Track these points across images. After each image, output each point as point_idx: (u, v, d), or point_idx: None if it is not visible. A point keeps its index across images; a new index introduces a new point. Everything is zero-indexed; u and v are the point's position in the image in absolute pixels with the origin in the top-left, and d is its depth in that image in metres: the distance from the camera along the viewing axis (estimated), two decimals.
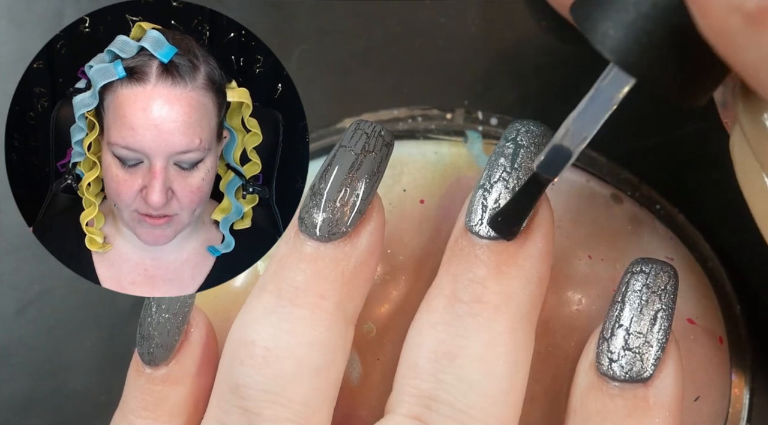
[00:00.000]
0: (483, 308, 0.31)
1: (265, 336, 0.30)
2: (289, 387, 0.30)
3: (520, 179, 0.31)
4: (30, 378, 0.38)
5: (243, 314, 0.31)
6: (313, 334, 0.30)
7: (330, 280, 0.30)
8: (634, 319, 0.31)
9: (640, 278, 0.32)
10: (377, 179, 0.31)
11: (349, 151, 0.31)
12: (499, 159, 0.32)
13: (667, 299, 0.31)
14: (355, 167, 0.31)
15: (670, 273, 0.32)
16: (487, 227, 0.31)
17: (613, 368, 0.31)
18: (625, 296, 0.32)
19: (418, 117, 0.38)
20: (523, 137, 0.32)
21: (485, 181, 0.32)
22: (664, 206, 0.38)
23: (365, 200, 0.31)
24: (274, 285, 0.30)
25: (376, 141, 0.31)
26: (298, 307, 0.30)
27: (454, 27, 0.39)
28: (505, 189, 0.31)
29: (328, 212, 0.31)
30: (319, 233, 0.30)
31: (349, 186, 0.31)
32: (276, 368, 0.30)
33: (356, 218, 0.31)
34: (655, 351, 0.31)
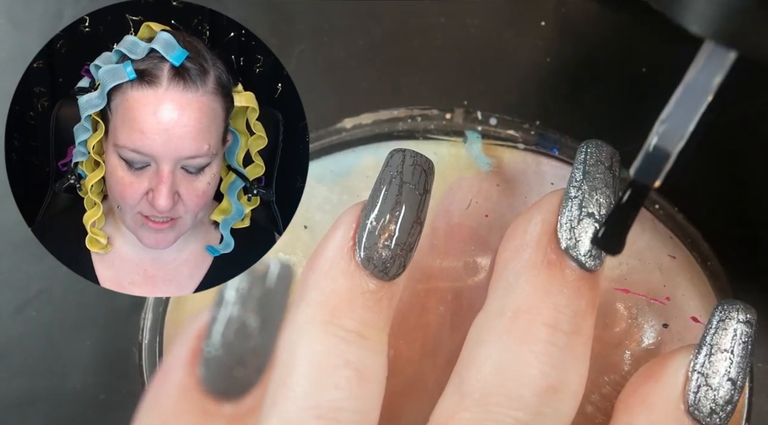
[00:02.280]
0: (580, 342, 0.31)
1: (355, 360, 0.30)
2: (375, 407, 0.31)
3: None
4: (28, 377, 0.38)
5: (302, 340, 0.31)
6: (381, 361, 0.31)
7: (388, 315, 0.31)
8: (740, 374, 0.31)
9: (747, 329, 0.32)
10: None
11: (415, 191, 0.31)
12: (599, 185, 0.31)
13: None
14: (420, 208, 0.31)
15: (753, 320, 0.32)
16: (595, 262, 0.31)
17: (713, 419, 0.31)
18: (734, 347, 0.31)
19: (418, 117, 0.38)
20: (620, 168, 0.32)
21: (594, 210, 0.31)
22: (663, 206, 0.38)
23: (418, 239, 0.31)
24: (338, 319, 0.30)
25: (428, 178, 0.31)
26: (366, 340, 0.30)
27: (454, 27, 0.39)
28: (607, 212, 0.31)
29: (399, 257, 0.30)
30: (388, 275, 0.30)
31: (414, 228, 0.31)
32: (368, 390, 0.30)
33: (411, 257, 0.31)
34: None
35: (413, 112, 0.38)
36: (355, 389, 0.30)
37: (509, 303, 0.31)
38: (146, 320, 0.38)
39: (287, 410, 0.29)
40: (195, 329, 0.22)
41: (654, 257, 0.37)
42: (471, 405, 0.30)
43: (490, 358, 0.30)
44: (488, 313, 0.31)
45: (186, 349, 0.22)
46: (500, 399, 0.30)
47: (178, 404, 0.23)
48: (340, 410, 0.29)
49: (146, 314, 0.38)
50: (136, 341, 0.38)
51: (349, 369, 0.30)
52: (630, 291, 0.36)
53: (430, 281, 0.35)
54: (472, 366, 0.31)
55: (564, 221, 0.31)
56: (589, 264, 0.31)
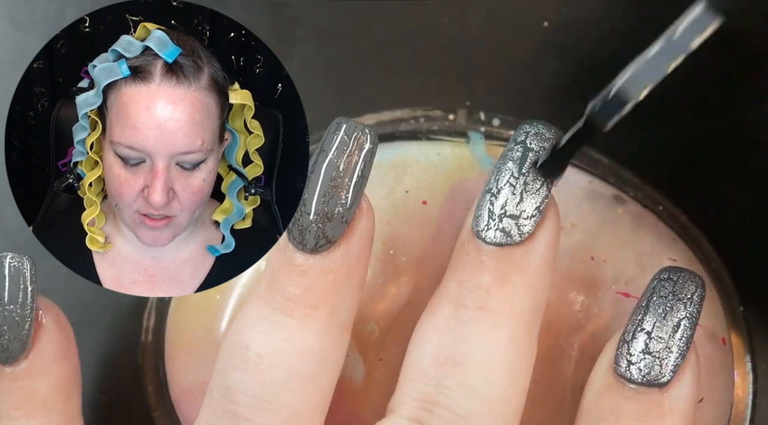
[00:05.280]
0: (487, 316, 0.31)
1: (259, 343, 0.30)
2: (280, 394, 0.30)
3: (527, 184, 0.31)
4: None
5: (239, 319, 0.31)
6: (305, 343, 0.30)
7: (321, 291, 0.30)
8: (657, 324, 0.31)
9: (667, 285, 0.32)
10: (362, 184, 0.31)
11: (330, 157, 0.30)
12: (507, 163, 0.31)
13: (692, 308, 0.31)
14: (338, 174, 0.30)
15: (697, 283, 0.32)
16: (493, 232, 0.31)
17: (631, 370, 0.31)
18: (650, 301, 0.31)
19: (421, 118, 0.38)
20: (532, 140, 0.31)
21: (492, 185, 0.31)
22: (666, 206, 0.38)
23: (350, 209, 0.30)
24: (268, 294, 0.31)
25: (357, 143, 0.30)
26: (290, 318, 0.30)
27: (457, 27, 0.39)
28: (512, 195, 0.31)
29: (313, 224, 0.30)
30: (307, 246, 0.30)
31: (333, 195, 0.30)
32: (267, 374, 0.30)
33: (342, 229, 0.30)
34: (675, 357, 0.31)
35: (416, 113, 0.38)
36: (253, 372, 0.30)
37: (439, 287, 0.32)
38: (149, 320, 0.38)
39: (211, 385, 0.31)
40: None
41: (656, 259, 0.36)
42: (400, 385, 0.31)
43: (412, 340, 0.32)
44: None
45: None
46: (406, 373, 0.31)
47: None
48: (236, 392, 0.30)
49: (149, 314, 0.38)
50: (138, 342, 0.38)
51: (250, 351, 0.30)
52: (630, 295, 0.36)
53: (433, 281, 0.35)
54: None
55: (475, 205, 0.32)
56: (487, 237, 0.31)
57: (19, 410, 0.32)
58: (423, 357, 0.31)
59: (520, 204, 0.31)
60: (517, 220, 0.31)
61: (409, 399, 0.31)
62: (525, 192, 0.31)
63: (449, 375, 0.30)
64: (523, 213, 0.31)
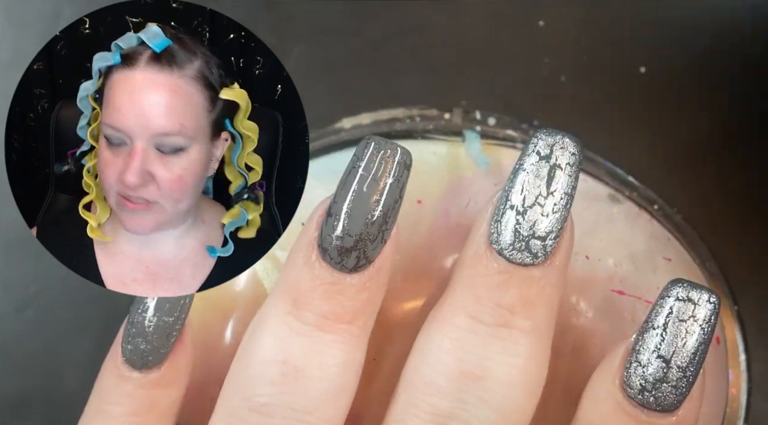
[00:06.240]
0: (509, 333, 0.30)
1: (297, 357, 0.30)
2: (320, 406, 0.30)
3: (555, 205, 0.30)
4: (27, 377, 0.38)
5: (263, 334, 0.31)
6: (343, 356, 0.30)
7: (357, 307, 0.30)
8: (677, 353, 0.30)
9: (688, 308, 0.30)
10: (401, 205, 0.30)
11: (371, 178, 0.30)
12: (532, 179, 0.30)
13: (710, 331, 0.30)
14: (380, 197, 0.30)
15: (716, 303, 0.30)
16: (519, 254, 0.30)
17: (645, 397, 0.30)
18: (668, 324, 0.30)
19: (416, 117, 0.38)
20: (559, 155, 0.30)
21: (517, 202, 0.30)
22: (662, 206, 0.38)
23: (389, 230, 0.30)
24: (297, 311, 0.30)
25: (396, 165, 0.30)
26: (327, 333, 0.30)
27: (453, 26, 0.39)
28: (541, 216, 0.30)
29: (356, 246, 0.30)
30: (347, 266, 0.30)
31: (376, 219, 0.30)
32: (307, 387, 0.30)
33: (380, 248, 0.30)
34: (690, 385, 0.30)
35: (412, 112, 0.38)
36: (290, 385, 0.30)
37: (444, 296, 0.31)
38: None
39: (229, 398, 0.31)
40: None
41: (651, 258, 0.37)
42: (400, 391, 0.31)
43: (416, 348, 0.31)
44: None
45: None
46: (418, 385, 0.31)
47: (110, 371, 0.32)
48: (270, 405, 0.30)
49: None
50: None
51: (287, 365, 0.30)
52: (625, 293, 0.36)
53: (427, 280, 0.35)
54: (409, 356, 0.31)
55: (490, 215, 0.31)
56: (513, 258, 0.30)
57: (136, 417, 0.31)
58: (439, 371, 0.30)
59: (548, 225, 0.30)
60: (544, 241, 0.30)
61: (422, 413, 0.30)
62: (552, 213, 0.30)
63: (469, 389, 0.30)
64: (550, 234, 0.30)
